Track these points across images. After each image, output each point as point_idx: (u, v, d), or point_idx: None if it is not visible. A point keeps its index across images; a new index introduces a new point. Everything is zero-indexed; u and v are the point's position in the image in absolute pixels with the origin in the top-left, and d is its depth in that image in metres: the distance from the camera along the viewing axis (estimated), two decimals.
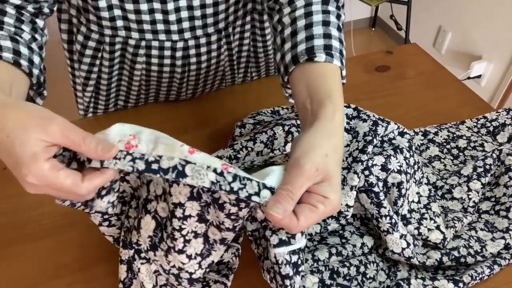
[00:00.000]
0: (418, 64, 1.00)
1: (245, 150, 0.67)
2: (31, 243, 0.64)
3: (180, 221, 0.47)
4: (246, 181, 0.42)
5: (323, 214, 0.43)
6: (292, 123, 0.66)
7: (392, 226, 0.59)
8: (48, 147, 0.39)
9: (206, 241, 0.49)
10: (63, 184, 0.39)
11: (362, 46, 2.86)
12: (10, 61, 0.49)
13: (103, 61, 0.80)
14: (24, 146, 0.38)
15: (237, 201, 0.43)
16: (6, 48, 0.49)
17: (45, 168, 0.38)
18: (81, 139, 0.39)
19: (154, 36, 0.75)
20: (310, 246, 0.63)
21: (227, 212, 0.45)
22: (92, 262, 0.62)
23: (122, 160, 0.40)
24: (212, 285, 0.57)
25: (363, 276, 0.59)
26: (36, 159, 0.38)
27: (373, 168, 0.62)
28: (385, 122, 0.66)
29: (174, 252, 0.48)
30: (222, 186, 0.41)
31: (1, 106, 0.40)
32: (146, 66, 0.80)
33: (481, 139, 0.80)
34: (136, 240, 0.51)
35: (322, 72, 0.52)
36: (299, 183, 0.42)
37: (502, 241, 0.64)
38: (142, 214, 0.49)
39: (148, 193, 0.49)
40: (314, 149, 0.44)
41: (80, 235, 0.65)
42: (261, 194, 0.42)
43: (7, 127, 0.39)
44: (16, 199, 0.70)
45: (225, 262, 0.58)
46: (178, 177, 0.40)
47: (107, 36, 0.75)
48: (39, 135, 0.38)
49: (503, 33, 2.02)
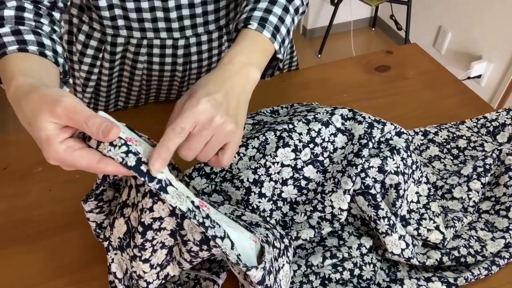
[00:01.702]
0: (418, 64, 1.00)
1: (237, 156, 0.67)
2: (31, 243, 0.64)
3: (155, 232, 0.47)
4: (215, 223, 0.45)
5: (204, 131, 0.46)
6: (284, 127, 0.66)
7: (391, 228, 0.59)
8: (62, 129, 0.41)
9: (169, 253, 0.50)
10: (79, 164, 0.41)
11: (362, 46, 2.86)
12: (36, 53, 0.51)
13: (103, 62, 0.80)
14: (39, 131, 0.40)
15: (200, 242, 0.45)
16: (31, 42, 0.51)
17: (60, 150, 0.40)
18: (83, 120, 0.40)
19: (156, 35, 0.75)
20: (308, 248, 0.63)
21: (188, 248, 0.47)
22: (91, 262, 0.62)
23: (116, 149, 0.41)
24: (203, 283, 0.58)
25: (359, 278, 0.59)
26: (51, 143, 0.40)
27: (369, 170, 0.62)
28: (381, 124, 0.66)
29: (139, 260, 0.49)
30: (196, 216, 0.43)
31: (22, 95, 0.43)
32: (148, 65, 0.80)
33: (481, 139, 0.80)
34: (109, 235, 0.52)
35: (248, 36, 0.56)
36: (177, 121, 0.45)
37: (502, 241, 0.64)
38: (118, 215, 0.50)
39: (128, 197, 0.49)
40: (199, 88, 0.48)
41: (79, 235, 0.65)
42: (224, 241, 0.44)
43: (27, 115, 0.42)
44: (16, 199, 0.70)
45: (218, 260, 0.58)
46: (160, 190, 0.42)
47: (109, 35, 0.76)
48: (49, 119, 0.40)
49: (503, 33, 2.02)
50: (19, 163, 0.76)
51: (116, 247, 0.51)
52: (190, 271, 0.58)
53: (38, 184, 0.72)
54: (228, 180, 0.66)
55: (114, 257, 0.53)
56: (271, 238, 0.52)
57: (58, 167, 0.74)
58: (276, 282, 0.50)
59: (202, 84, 0.49)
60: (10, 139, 0.80)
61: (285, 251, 0.54)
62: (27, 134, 0.80)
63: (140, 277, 0.50)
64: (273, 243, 0.51)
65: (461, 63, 2.30)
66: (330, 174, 0.64)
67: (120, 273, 0.54)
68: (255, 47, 0.56)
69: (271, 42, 0.57)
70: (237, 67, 0.52)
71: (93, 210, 0.53)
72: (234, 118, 0.49)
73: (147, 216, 0.46)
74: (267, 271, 0.47)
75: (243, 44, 0.55)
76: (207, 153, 0.48)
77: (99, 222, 0.55)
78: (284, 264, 0.52)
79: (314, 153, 0.65)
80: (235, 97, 0.50)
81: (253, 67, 0.54)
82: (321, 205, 0.62)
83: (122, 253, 0.51)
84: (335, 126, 0.67)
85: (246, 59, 0.53)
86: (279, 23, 0.59)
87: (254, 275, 0.45)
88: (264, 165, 0.64)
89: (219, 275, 0.57)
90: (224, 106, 0.48)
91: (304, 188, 0.65)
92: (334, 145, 0.66)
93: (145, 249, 0.48)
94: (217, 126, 0.47)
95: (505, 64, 2.07)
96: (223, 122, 0.47)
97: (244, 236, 0.48)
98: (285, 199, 0.64)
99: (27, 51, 0.50)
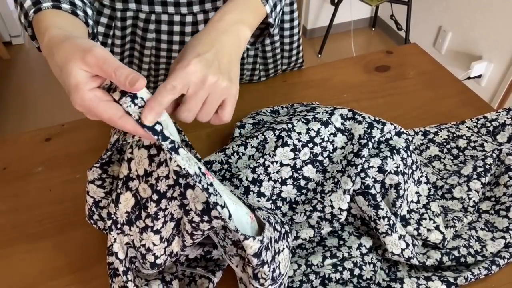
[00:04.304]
0: (418, 64, 1.00)
1: (236, 155, 0.67)
2: (31, 243, 0.64)
3: (167, 201, 0.48)
4: (217, 192, 0.45)
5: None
6: (283, 127, 0.66)
7: (391, 228, 0.59)
8: (92, 77, 0.42)
9: (176, 227, 0.51)
10: (102, 115, 0.42)
11: (362, 46, 2.86)
12: (69, 11, 0.52)
13: (114, 40, 0.81)
14: (69, 77, 0.41)
15: (202, 212, 0.46)
16: (64, 0, 0.53)
17: (87, 98, 0.41)
18: (112, 70, 0.40)
19: (163, 9, 0.76)
20: (308, 248, 0.63)
21: (190, 218, 0.48)
22: (92, 262, 0.62)
23: (136, 107, 0.42)
24: (198, 280, 0.58)
25: (359, 278, 0.59)
26: (78, 90, 0.41)
27: (369, 170, 0.62)
28: (380, 124, 0.66)
29: (151, 231, 0.49)
30: (201, 181, 0.44)
31: (55, 44, 0.44)
32: (156, 43, 0.81)
33: (481, 139, 0.80)
34: (113, 212, 0.52)
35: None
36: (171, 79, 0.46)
37: (502, 241, 0.64)
38: (123, 190, 0.50)
39: (129, 171, 0.50)
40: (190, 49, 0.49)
41: (80, 235, 0.65)
42: (223, 210, 0.45)
43: (58, 61, 0.43)
44: (16, 199, 0.70)
45: (214, 259, 0.59)
46: (171, 151, 0.42)
47: (118, 10, 0.77)
48: (80, 65, 0.41)
49: (503, 33, 2.02)
50: (19, 163, 0.76)
51: (123, 223, 0.51)
52: (185, 268, 0.58)
53: (38, 184, 0.72)
54: (227, 179, 0.66)
55: (116, 237, 0.53)
56: (272, 220, 0.52)
57: (58, 167, 0.75)
58: (274, 262, 0.50)
59: (192, 45, 0.50)
60: (10, 139, 0.80)
61: (286, 236, 0.54)
62: (27, 134, 0.80)
63: (149, 250, 0.50)
64: (274, 226, 0.52)
65: (461, 63, 2.30)
66: (329, 174, 0.64)
67: (122, 254, 0.54)
68: (246, 6, 0.56)
69: (263, 4, 0.57)
70: (227, 25, 0.53)
71: (95, 181, 0.53)
72: (227, 75, 0.49)
73: (163, 184, 0.47)
74: (265, 246, 0.47)
75: (234, 2, 0.55)
76: (206, 112, 0.49)
77: (97, 200, 0.55)
78: (284, 248, 0.53)
79: (313, 153, 0.65)
80: (226, 54, 0.51)
81: (243, 24, 0.54)
82: (321, 205, 0.62)
83: (131, 227, 0.51)
84: (334, 126, 0.67)
85: (237, 17, 0.54)
86: None
87: (251, 245, 0.45)
88: (263, 165, 0.64)
89: (214, 274, 0.58)
90: (216, 64, 0.49)
91: (304, 188, 0.65)
92: (334, 145, 0.66)
93: (158, 218, 0.49)
94: (211, 84, 0.48)
95: (505, 64, 2.07)
96: (217, 80, 0.48)
97: (242, 211, 0.49)
98: (285, 199, 0.64)
99: (60, 8, 0.52)
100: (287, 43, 0.91)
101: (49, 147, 0.79)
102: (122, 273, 0.52)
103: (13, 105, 2.34)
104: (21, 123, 2.23)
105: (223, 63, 0.50)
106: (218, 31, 0.52)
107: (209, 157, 0.69)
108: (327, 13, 2.74)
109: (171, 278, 0.56)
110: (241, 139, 0.69)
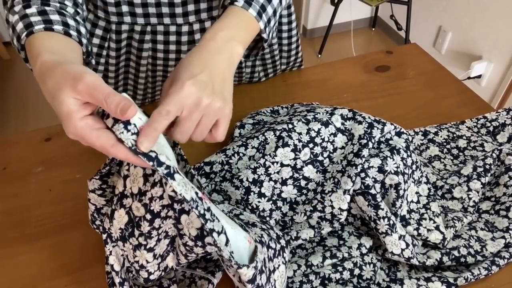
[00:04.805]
0: (418, 64, 1.00)
1: (237, 156, 0.67)
2: (31, 243, 0.64)
3: (161, 220, 0.48)
4: (215, 217, 0.45)
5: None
6: (283, 127, 0.66)
7: (391, 228, 0.59)
8: (83, 105, 0.41)
9: (170, 243, 0.51)
10: (94, 144, 0.42)
11: (362, 46, 2.86)
12: (61, 32, 0.52)
13: (109, 51, 0.81)
14: (61, 106, 0.41)
15: (195, 238, 0.46)
16: (56, 21, 0.53)
17: (79, 126, 0.41)
18: (103, 97, 0.40)
19: (159, 20, 0.75)
20: (308, 248, 0.63)
21: (184, 242, 0.48)
22: (91, 262, 0.62)
23: (129, 134, 0.41)
24: (198, 281, 0.58)
25: (359, 278, 0.59)
26: (71, 118, 0.41)
27: (369, 170, 0.62)
28: (380, 124, 0.66)
29: (144, 249, 0.49)
30: (198, 207, 0.43)
31: (46, 70, 0.44)
32: (152, 53, 0.81)
33: (481, 139, 0.80)
34: (108, 227, 0.53)
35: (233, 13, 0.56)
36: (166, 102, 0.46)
37: (502, 241, 0.64)
38: (117, 207, 0.50)
39: (124, 188, 0.49)
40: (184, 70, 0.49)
41: (79, 235, 0.65)
42: (220, 236, 0.44)
43: (50, 88, 0.43)
44: (16, 199, 0.70)
45: (214, 260, 0.59)
46: (167, 176, 0.42)
47: (113, 23, 0.76)
48: (71, 94, 0.41)
49: (503, 33, 2.02)
50: (19, 163, 0.76)
51: (117, 238, 0.52)
52: (186, 270, 0.59)
53: (38, 184, 0.72)
54: (227, 179, 0.66)
55: (112, 250, 0.54)
56: (265, 239, 0.52)
57: (58, 167, 0.75)
58: (269, 282, 0.50)
59: (185, 65, 0.50)
60: (10, 139, 0.80)
61: (281, 252, 0.54)
62: (27, 134, 0.80)
63: (142, 267, 0.51)
64: (268, 244, 0.52)
65: (461, 63, 2.30)
66: (330, 174, 0.64)
67: (118, 265, 0.54)
68: (239, 23, 0.56)
69: (256, 21, 0.57)
70: (219, 43, 0.52)
71: (96, 191, 0.53)
72: (221, 95, 0.49)
73: (157, 204, 0.47)
74: (259, 270, 0.47)
75: (227, 19, 0.55)
76: (200, 133, 0.49)
77: (98, 207, 0.55)
78: (280, 264, 0.53)
79: (313, 153, 0.65)
80: (220, 73, 0.51)
81: (236, 42, 0.54)
82: (321, 205, 0.62)
83: (124, 244, 0.51)
84: (334, 126, 0.67)
85: (229, 34, 0.53)
86: (265, 3, 0.59)
87: (245, 273, 0.46)
88: (263, 165, 0.64)
89: (214, 275, 0.58)
90: (210, 86, 0.48)
91: (304, 188, 0.65)
92: (334, 145, 0.66)
93: (151, 237, 0.49)
94: (205, 106, 0.47)
95: (505, 64, 2.07)
96: (211, 101, 0.48)
97: (240, 235, 0.48)
98: (285, 199, 0.64)
99: (52, 30, 0.52)
100: (286, 44, 0.91)
101: (49, 147, 0.79)
102: (118, 284, 0.53)
103: (13, 105, 2.34)
104: (21, 123, 2.23)
105: (217, 83, 0.50)
106: (211, 50, 0.52)
107: (210, 158, 0.69)
108: (327, 13, 2.74)
109: (169, 284, 0.56)
110: (241, 139, 0.69)
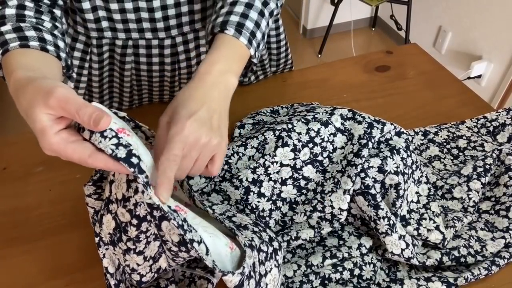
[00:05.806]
0: (418, 64, 1.00)
1: (236, 156, 0.67)
2: (31, 243, 0.64)
3: (148, 223, 0.48)
4: (191, 228, 0.45)
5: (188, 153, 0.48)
6: (283, 127, 0.66)
7: (391, 228, 0.59)
8: (57, 120, 0.41)
9: (161, 245, 0.51)
10: (72, 157, 0.41)
11: (362, 46, 2.86)
12: (38, 48, 0.52)
13: (92, 64, 0.80)
14: (35, 123, 0.41)
15: (178, 244, 0.46)
16: (32, 37, 0.53)
17: (53, 142, 0.41)
18: (75, 110, 0.40)
19: (141, 35, 0.75)
20: (308, 248, 0.63)
21: (168, 247, 0.47)
22: (91, 263, 0.62)
23: (107, 140, 0.41)
24: (197, 281, 0.58)
25: (359, 278, 0.59)
26: (44, 134, 0.41)
27: (369, 170, 0.62)
28: (380, 124, 0.66)
29: (134, 253, 0.49)
30: (176, 218, 0.43)
31: (19, 88, 0.44)
32: (135, 65, 0.80)
33: (481, 139, 0.80)
34: (99, 231, 0.53)
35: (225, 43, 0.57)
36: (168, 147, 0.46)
37: (502, 241, 0.64)
38: (104, 212, 0.50)
39: (110, 194, 0.49)
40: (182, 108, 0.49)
41: (79, 236, 0.65)
42: (200, 245, 0.44)
43: (23, 105, 0.42)
44: (16, 199, 0.70)
45: None
46: (146, 185, 0.42)
47: (93, 38, 0.75)
48: (43, 110, 0.40)
49: (503, 33, 2.02)
50: (19, 163, 0.76)
51: (107, 243, 0.52)
52: (185, 269, 0.58)
53: (38, 184, 0.72)
54: (227, 179, 0.66)
55: (105, 252, 0.54)
56: (256, 242, 0.51)
57: (58, 167, 0.75)
58: (260, 286, 0.49)
59: (182, 100, 0.50)
60: (10, 139, 0.80)
61: (274, 254, 0.53)
62: (27, 134, 0.80)
63: (134, 270, 0.50)
64: (259, 247, 0.51)
65: (461, 63, 2.30)
66: (329, 174, 0.64)
67: (112, 267, 0.54)
68: (232, 54, 0.57)
69: (247, 48, 0.58)
70: (215, 77, 0.53)
71: (92, 195, 0.54)
72: (218, 131, 0.50)
73: (142, 209, 0.47)
74: (246, 276, 0.47)
75: (220, 51, 0.56)
76: (198, 168, 0.50)
77: (97, 209, 0.55)
78: (272, 268, 0.52)
79: (313, 153, 0.65)
80: (217, 108, 0.51)
81: (230, 74, 0.55)
82: (321, 205, 0.62)
83: (114, 248, 0.51)
84: (334, 126, 0.67)
85: (224, 67, 0.54)
86: (255, 29, 0.60)
87: (230, 279, 0.45)
88: (263, 165, 0.64)
89: (213, 274, 0.57)
90: (208, 123, 0.49)
91: (304, 188, 0.65)
92: (334, 145, 0.66)
93: (140, 241, 0.48)
94: (203, 145, 0.48)
95: (505, 64, 2.07)
96: (209, 139, 0.49)
97: (220, 243, 0.48)
98: (285, 199, 0.64)
99: (28, 46, 0.51)
100: (274, 48, 0.91)
101: None
102: (114, 286, 0.54)
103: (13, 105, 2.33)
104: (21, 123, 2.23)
105: (214, 119, 0.50)
106: (207, 84, 0.52)
107: None
108: (327, 13, 2.74)
109: (167, 284, 0.56)
110: (241, 139, 0.69)
